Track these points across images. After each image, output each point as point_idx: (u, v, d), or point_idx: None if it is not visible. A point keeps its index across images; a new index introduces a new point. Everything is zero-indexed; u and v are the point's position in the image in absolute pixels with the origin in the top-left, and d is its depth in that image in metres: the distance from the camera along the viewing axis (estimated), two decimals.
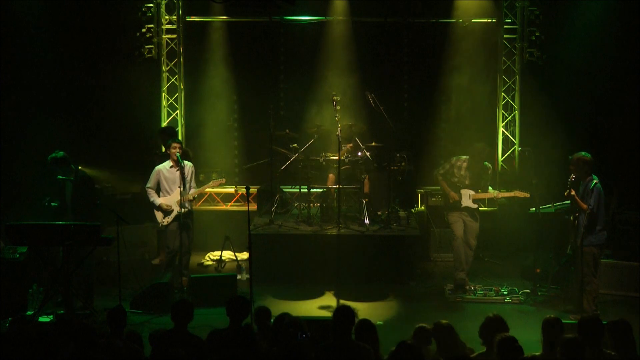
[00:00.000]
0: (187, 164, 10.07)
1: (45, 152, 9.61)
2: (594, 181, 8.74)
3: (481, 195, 10.04)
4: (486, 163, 10.08)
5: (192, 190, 10.16)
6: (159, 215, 10.12)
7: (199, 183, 10.81)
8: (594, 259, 8.86)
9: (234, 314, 6.46)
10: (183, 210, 9.98)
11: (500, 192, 10.10)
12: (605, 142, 11.79)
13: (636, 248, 10.05)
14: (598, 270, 9.04)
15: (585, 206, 8.69)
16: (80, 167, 9.65)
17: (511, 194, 9.99)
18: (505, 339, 5.46)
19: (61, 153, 9.47)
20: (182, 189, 9.93)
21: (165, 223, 10.07)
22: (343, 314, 5.73)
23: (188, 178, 9.96)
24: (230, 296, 6.86)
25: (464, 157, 10.10)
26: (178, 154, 9.98)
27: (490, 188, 10.09)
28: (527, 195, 9.90)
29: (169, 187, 10.08)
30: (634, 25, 11.77)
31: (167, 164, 10.12)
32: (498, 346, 5.41)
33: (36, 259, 9.27)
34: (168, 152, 10.12)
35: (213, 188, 10.84)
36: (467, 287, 9.93)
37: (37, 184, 10.30)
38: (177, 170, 9.95)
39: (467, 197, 9.97)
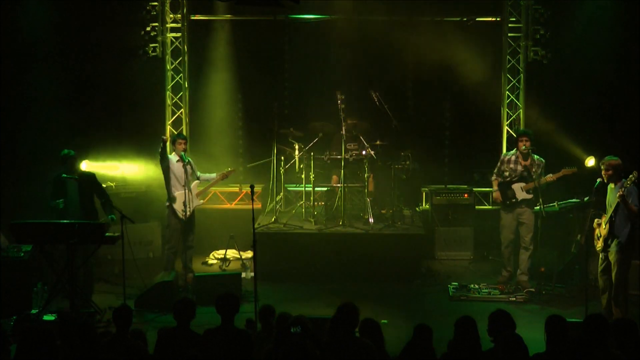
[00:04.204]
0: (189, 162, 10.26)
1: (49, 149, 9.60)
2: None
3: (533, 184, 10.04)
4: (537, 156, 10.17)
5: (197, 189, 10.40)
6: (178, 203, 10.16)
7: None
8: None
9: (223, 311, 6.41)
10: (188, 213, 10.03)
11: (548, 176, 10.01)
12: (611, 141, 11.73)
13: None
14: None
15: (635, 209, 8.38)
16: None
17: (560, 174, 9.96)
18: (510, 337, 5.44)
19: (72, 152, 9.52)
20: (186, 187, 9.97)
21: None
22: (346, 310, 5.70)
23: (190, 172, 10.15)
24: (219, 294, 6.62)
25: (512, 151, 10.30)
26: (182, 152, 10.13)
27: None
28: (575, 169, 9.98)
29: (178, 178, 10.20)
30: (639, 23, 11.73)
31: (175, 157, 10.30)
32: (503, 345, 5.39)
33: (40, 258, 9.29)
34: (174, 147, 10.35)
35: (223, 179, 10.81)
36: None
37: (42, 182, 10.30)
38: (183, 166, 10.03)
39: (520, 191, 10.07)
